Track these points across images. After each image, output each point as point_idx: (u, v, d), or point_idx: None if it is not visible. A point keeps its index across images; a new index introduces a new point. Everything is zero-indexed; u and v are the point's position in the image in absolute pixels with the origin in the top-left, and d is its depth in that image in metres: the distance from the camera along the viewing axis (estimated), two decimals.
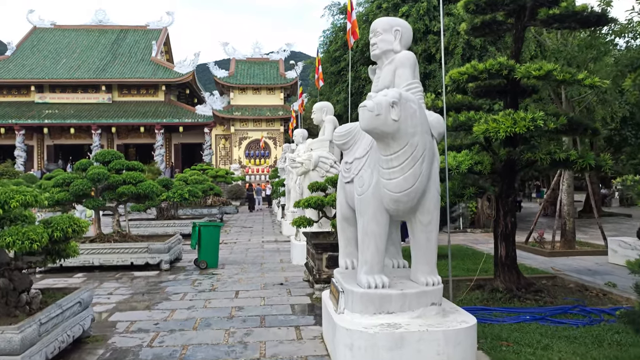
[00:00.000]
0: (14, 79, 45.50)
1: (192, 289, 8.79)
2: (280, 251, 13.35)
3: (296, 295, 8.14)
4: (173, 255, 11.21)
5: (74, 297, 5.61)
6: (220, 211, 23.73)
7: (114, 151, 11.72)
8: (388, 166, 4.75)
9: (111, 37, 53.59)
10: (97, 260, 10.51)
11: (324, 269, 7.91)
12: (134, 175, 11.05)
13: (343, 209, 5.85)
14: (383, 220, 4.95)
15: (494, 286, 7.96)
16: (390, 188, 4.77)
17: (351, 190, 5.39)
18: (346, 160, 5.54)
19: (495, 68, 7.43)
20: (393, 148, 4.70)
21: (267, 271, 10.45)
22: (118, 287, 8.98)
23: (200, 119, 43.61)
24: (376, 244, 4.94)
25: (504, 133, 6.80)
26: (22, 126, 43.06)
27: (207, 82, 57.14)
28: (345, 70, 21.25)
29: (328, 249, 7.90)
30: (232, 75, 43.74)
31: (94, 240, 11.02)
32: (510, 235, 8.05)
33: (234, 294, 8.30)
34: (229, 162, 43.53)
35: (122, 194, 10.96)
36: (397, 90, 4.80)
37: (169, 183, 17.56)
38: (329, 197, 8.03)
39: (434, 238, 5.10)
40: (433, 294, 4.97)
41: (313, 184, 8.86)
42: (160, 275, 10.19)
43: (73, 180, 10.72)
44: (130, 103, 47.06)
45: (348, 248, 5.96)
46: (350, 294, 4.94)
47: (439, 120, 5.31)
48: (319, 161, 10.98)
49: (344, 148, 5.64)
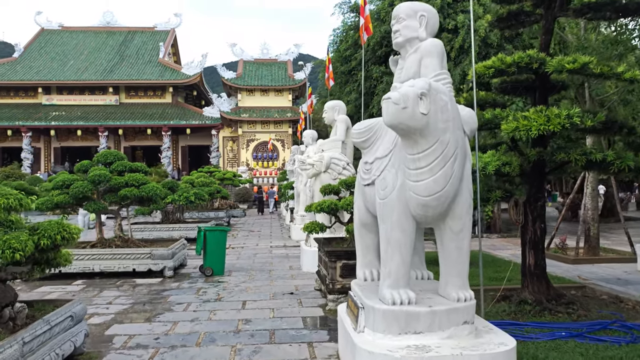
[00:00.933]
0: (21, 81, 45.41)
1: (197, 298, 8.25)
2: (289, 257, 12.79)
3: (308, 307, 7.57)
4: (177, 262, 10.69)
5: (64, 311, 5.08)
6: (228, 214, 23.23)
7: (117, 152, 11.22)
8: (415, 166, 4.19)
9: (119, 39, 53.45)
10: (97, 267, 10.01)
11: (338, 278, 7.34)
12: (137, 178, 10.55)
13: (361, 214, 5.28)
14: (409, 227, 4.38)
15: (521, 297, 7.35)
16: (418, 191, 4.21)
17: (371, 194, 4.82)
18: (366, 160, 4.98)
19: (525, 61, 6.83)
20: (421, 146, 4.14)
21: (276, 279, 9.90)
22: (118, 296, 8.45)
23: (208, 120, 43.25)
24: (401, 254, 4.37)
25: (536, 131, 6.20)
26: (29, 128, 42.89)
27: (215, 85, 56.75)
28: (356, 69, 20.71)
29: (342, 257, 7.33)
30: (240, 76, 43.35)
31: (95, 245, 10.53)
32: (539, 243, 7.45)
33: (241, 305, 7.75)
34: (236, 164, 43.10)
35: (125, 197, 10.46)
36: (425, 79, 4.23)
37: (175, 185, 17.07)
38: (343, 200, 7.47)
39: (466, 247, 4.52)
40: (465, 311, 4.38)
41: (325, 187, 8.30)
42: (164, 282, 9.66)
43: (73, 183, 10.23)
44: (137, 105, 46.82)
45: (367, 257, 5.39)
46: (371, 310, 4.37)
47: (472, 115, 4.74)
48: (330, 162, 10.41)
49: (363, 146, 5.07)
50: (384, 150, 4.70)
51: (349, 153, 11.12)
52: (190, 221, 18.18)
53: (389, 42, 20.46)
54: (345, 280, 7.33)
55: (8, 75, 46.07)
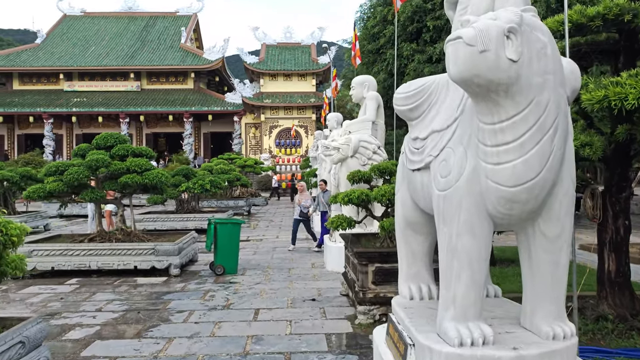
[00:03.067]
0: (43, 67, 44.92)
1: (202, 304, 7.00)
2: (311, 252, 11.48)
3: (333, 319, 6.24)
4: (185, 258, 9.47)
5: (12, 335, 3.84)
6: (248, 203, 22.04)
7: (118, 134, 10.02)
8: (496, 141, 2.80)
9: (140, 24, 52.62)
10: (94, 263, 8.85)
11: (370, 285, 5.98)
12: (140, 163, 9.33)
13: (407, 211, 3.91)
14: (483, 231, 3.00)
15: (599, 311, 5.91)
16: (500, 178, 2.82)
17: (424, 182, 3.45)
18: (415, 136, 3.58)
19: (614, 12, 5.31)
20: (506, 110, 2.75)
21: (296, 279, 8.60)
22: (111, 300, 7.26)
23: (230, 107, 42.11)
24: (472, 270, 2.99)
25: (634, 101, 4.70)
26: (51, 114, 42.41)
27: (239, 74, 55.47)
28: (384, 48, 19.15)
29: (376, 259, 5.97)
30: (263, 61, 42.03)
31: (94, 239, 9.38)
32: (622, 244, 5.96)
33: (253, 315, 6.46)
34: (259, 151, 41.95)
35: (126, 185, 9.27)
36: (514, 10, 2.80)
37: (190, 172, 15.89)
38: (376, 191, 6.07)
39: (565, 261, 3.12)
40: (566, 354, 2.99)
41: (354, 174, 6.91)
42: (168, 283, 8.45)
43: (68, 168, 9.07)
44: (159, 91, 45.96)
45: (413, 267, 4.01)
46: (427, 352, 3.01)
47: (573, 68, 3.30)
48: (359, 146, 9.02)
49: (411, 117, 3.67)
50: (444, 119, 3.30)
51: (380, 135, 9.69)
52: (207, 210, 17.02)
53: (421, 17, 18.94)
54: (380, 288, 5.98)
55: (30, 61, 45.67)
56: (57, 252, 8.89)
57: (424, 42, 18.17)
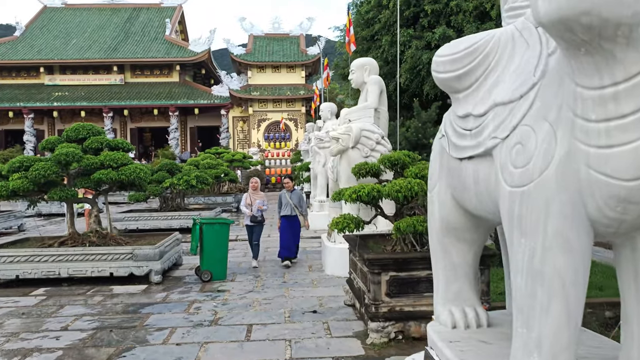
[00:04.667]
0: (23, 60, 43.34)
1: (185, 319, 6.05)
2: (307, 252, 10.55)
3: (339, 336, 5.33)
4: (168, 262, 8.51)
5: None
6: (237, 199, 21.00)
7: (91, 125, 9.00)
8: (605, 114, 1.90)
9: (124, 16, 51.12)
10: (65, 270, 7.85)
11: (384, 297, 5.07)
12: (115, 157, 8.33)
13: (447, 212, 3.00)
14: (581, 245, 2.10)
15: None
16: (612, 168, 1.92)
17: (480, 175, 2.54)
18: (466, 112, 2.65)
19: None
20: (625, 66, 1.84)
21: (292, 285, 7.68)
22: (81, 315, 6.28)
23: (217, 100, 40.94)
24: (566, 301, 2.09)
25: None
26: (31, 109, 40.98)
27: (226, 68, 54.08)
28: (379, 34, 18.19)
29: (390, 267, 5.06)
30: (250, 52, 40.87)
31: (65, 242, 8.37)
32: None
33: (245, 332, 5.53)
34: (247, 145, 40.87)
35: (100, 182, 8.27)
36: None
37: (174, 168, 14.87)
38: (389, 186, 5.15)
39: None
40: None
41: (360, 167, 5.98)
42: (148, 292, 7.48)
43: (34, 164, 8.04)
44: (143, 84, 44.62)
45: (454, 285, 3.11)
46: None
47: None
48: (360, 136, 8.09)
49: (458, 87, 2.74)
50: (513, 87, 2.37)
51: (384, 124, 8.78)
52: (193, 208, 16.02)
53: (418, 0, 18.01)
54: (395, 300, 5.07)
55: (9, 54, 44.06)
56: (22, 258, 7.87)
57: (421, 27, 17.26)
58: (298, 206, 9.12)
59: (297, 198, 9.19)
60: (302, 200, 9.21)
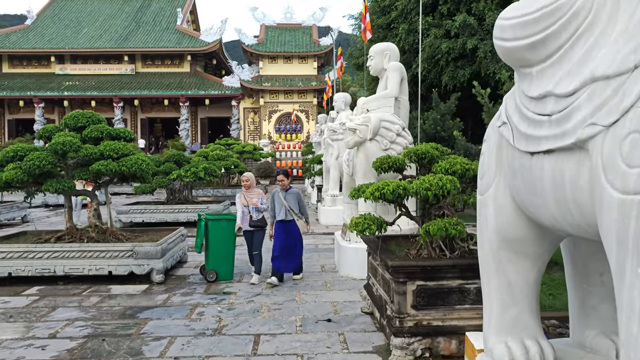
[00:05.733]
0: (33, 49, 43.13)
1: (186, 327, 5.48)
2: (319, 250, 9.96)
3: (358, 351, 4.73)
4: (172, 260, 7.96)
5: None
6: None
7: (91, 113, 8.45)
8: None
9: (135, 5, 50.69)
10: (60, 268, 7.32)
11: (410, 310, 4.46)
12: (116, 147, 7.77)
13: (506, 221, 2.37)
14: None
15: None
16: None
17: (565, 175, 1.90)
18: (544, 92, 2.01)
19: None
20: None
21: (304, 288, 7.09)
22: (73, 320, 5.73)
23: (228, 90, 40.40)
24: None
25: None
26: (42, 98, 40.80)
27: (238, 59, 53.52)
28: (396, 22, 17.44)
29: (417, 276, 4.44)
30: (262, 42, 40.21)
31: (62, 238, 7.84)
32: None
33: (252, 344, 4.94)
34: (258, 137, 40.33)
35: (99, 173, 7.71)
36: None
37: (181, 159, 14.33)
38: (416, 183, 4.50)
39: None
40: None
41: (382, 161, 5.34)
42: (148, 293, 6.94)
43: (28, 153, 7.51)
44: (154, 74, 44.22)
45: (511, 310, 2.49)
46: None
47: None
48: (380, 127, 7.44)
49: (531, 57, 2.10)
50: (621, 54, 1.73)
51: (404, 114, 8.13)
52: (202, 201, 15.48)
53: None
54: (422, 314, 4.45)
55: (20, 43, 43.86)
56: (15, 254, 7.35)
57: (440, 15, 16.50)
58: (294, 209, 7.39)
59: (293, 199, 7.42)
60: (300, 200, 7.52)
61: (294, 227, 7.45)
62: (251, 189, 7.71)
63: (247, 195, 7.58)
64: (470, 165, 4.81)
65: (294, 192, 7.51)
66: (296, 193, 7.52)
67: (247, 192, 7.65)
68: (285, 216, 7.33)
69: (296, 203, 7.43)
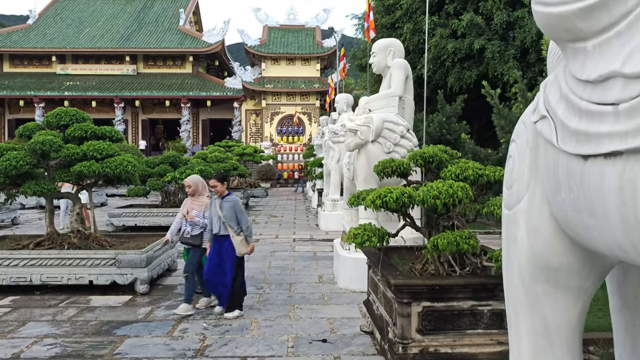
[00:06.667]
0: (34, 49, 42.82)
1: (166, 346, 4.95)
2: (317, 259, 9.42)
3: None
4: (158, 269, 7.44)
5: None
6: (245, 195, 19.95)
7: (75, 110, 7.95)
8: None
9: (138, 5, 50.45)
10: (37, 277, 6.80)
11: (414, 335, 3.91)
12: (100, 147, 7.26)
13: (545, 244, 1.82)
14: None
15: None
16: None
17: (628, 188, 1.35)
18: (603, 73, 1.48)
19: None
20: None
21: (299, 302, 6.55)
22: (42, 338, 5.21)
23: (229, 92, 39.99)
24: None
25: None
26: (42, 98, 40.45)
27: (241, 62, 53.13)
28: (401, 21, 16.93)
29: (423, 296, 3.90)
30: (264, 43, 39.76)
31: (42, 244, 7.33)
32: None
33: None
34: (259, 139, 39.86)
35: (81, 175, 7.21)
36: None
37: (176, 161, 13.84)
38: (423, 190, 3.96)
39: None
40: None
41: (385, 165, 4.81)
42: (131, 305, 6.41)
43: (5, 153, 7.00)
44: (155, 75, 43.87)
45: (548, 357, 1.93)
46: None
47: None
48: (383, 128, 6.92)
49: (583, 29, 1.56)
50: None
51: (409, 115, 7.60)
52: None
53: None
54: (429, 339, 3.91)
55: (21, 42, 43.59)
56: None
57: (446, 14, 15.99)
58: (230, 221, 5.81)
59: (229, 208, 5.84)
60: (238, 211, 5.87)
61: (228, 245, 5.83)
62: (198, 196, 6.34)
63: (192, 203, 6.29)
64: (484, 170, 4.28)
65: (231, 200, 5.89)
66: (234, 201, 5.89)
67: (193, 200, 6.33)
68: (219, 230, 5.86)
69: (233, 214, 5.81)
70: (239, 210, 5.89)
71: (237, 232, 5.83)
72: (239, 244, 5.83)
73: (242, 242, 5.86)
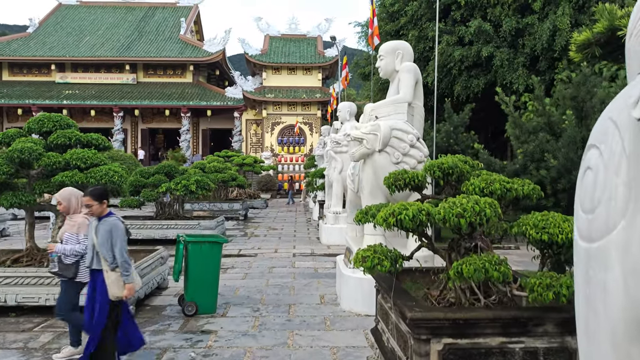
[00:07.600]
0: (34, 57, 42.47)
1: None
2: (319, 276, 8.83)
3: None
4: (145, 289, 6.84)
5: None
6: (244, 206, 19.40)
7: (59, 116, 7.39)
8: None
9: (138, 15, 50.22)
10: (12, 297, 6.21)
11: None
12: (84, 156, 6.71)
13: None
14: None
15: None
16: None
17: None
18: None
19: None
20: None
21: (299, 326, 5.95)
22: None
23: (230, 101, 39.52)
24: None
25: None
26: (40, 107, 39.88)
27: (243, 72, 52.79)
28: (405, 28, 16.44)
29: (445, 331, 3.31)
30: (265, 53, 39.37)
31: (20, 260, 6.75)
32: None
33: None
34: (260, 149, 39.35)
35: (63, 185, 6.63)
36: None
37: (172, 171, 13.28)
38: (443, 206, 3.39)
39: None
40: None
41: (397, 177, 4.23)
42: None
43: None
44: (155, 84, 43.47)
45: None
46: None
47: None
48: (390, 136, 6.36)
49: None
50: None
51: (418, 122, 7.04)
52: (194, 216, 14.39)
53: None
54: None
55: (20, 51, 43.28)
56: None
57: (452, 21, 15.51)
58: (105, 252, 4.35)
59: (105, 232, 4.38)
60: (114, 238, 4.38)
61: (100, 283, 4.40)
62: (73, 214, 5.00)
63: (68, 224, 5.00)
64: (512, 184, 3.71)
65: (109, 223, 4.41)
66: (112, 225, 4.40)
67: (69, 219, 5.02)
68: (91, 263, 4.49)
69: (108, 242, 4.35)
70: (115, 237, 4.35)
71: (112, 266, 4.35)
72: (111, 283, 4.33)
73: (117, 281, 4.34)
